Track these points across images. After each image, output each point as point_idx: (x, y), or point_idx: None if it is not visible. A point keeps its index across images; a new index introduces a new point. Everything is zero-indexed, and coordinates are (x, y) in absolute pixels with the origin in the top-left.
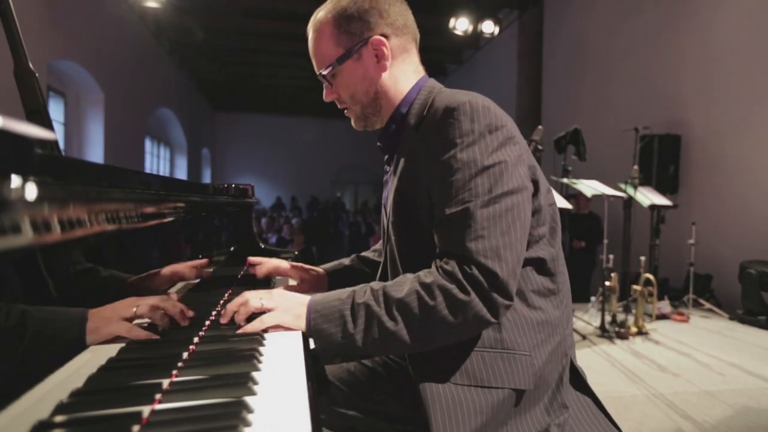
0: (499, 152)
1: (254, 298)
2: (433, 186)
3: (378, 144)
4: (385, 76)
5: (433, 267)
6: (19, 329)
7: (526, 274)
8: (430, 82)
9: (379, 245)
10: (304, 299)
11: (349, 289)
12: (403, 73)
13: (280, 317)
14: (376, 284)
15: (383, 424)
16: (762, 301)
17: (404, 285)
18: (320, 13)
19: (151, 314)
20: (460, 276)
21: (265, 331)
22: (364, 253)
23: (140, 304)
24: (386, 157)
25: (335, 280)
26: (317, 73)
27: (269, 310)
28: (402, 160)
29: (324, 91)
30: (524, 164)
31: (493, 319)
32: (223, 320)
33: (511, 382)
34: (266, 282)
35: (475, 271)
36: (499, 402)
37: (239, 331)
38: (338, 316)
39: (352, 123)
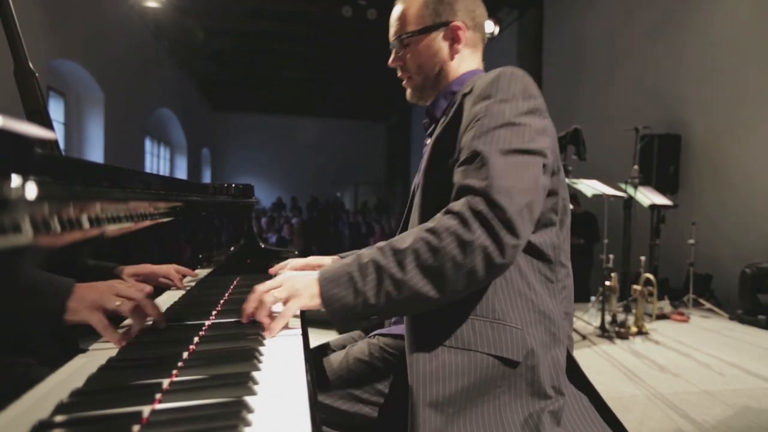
0: (527, 116)
1: (268, 294)
2: (464, 133)
3: (424, 121)
4: (455, 58)
5: (439, 214)
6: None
7: (527, 256)
8: (484, 73)
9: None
10: (314, 275)
11: (354, 253)
12: (468, 64)
13: (299, 302)
14: (381, 243)
15: (381, 420)
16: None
17: (409, 236)
18: None
19: (131, 314)
20: (466, 214)
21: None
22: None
23: (124, 301)
24: (428, 131)
25: None
26: (392, 38)
27: (285, 300)
28: (442, 121)
29: (391, 56)
30: (548, 138)
31: (501, 259)
32: (245, 320)
33: (498, 350)
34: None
35: (482, 207)
36: (482, 367)
37: (267, 335)
38: (347, 278)
39: (407, 94)
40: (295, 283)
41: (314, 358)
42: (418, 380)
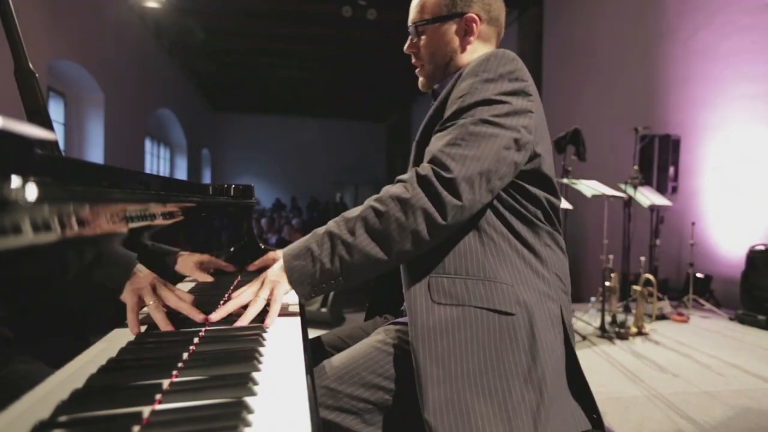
0: (509, 96)
1: (256, 300)
2: (449, 107)
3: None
4: (467, 49)
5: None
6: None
7: (516, 219)
8: None
9: None
10: (280, 258)
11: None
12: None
13: (282, 287)
14: (337, 217)
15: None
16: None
17: (361, 206)
18: None
19: (157, 315)
20: (412, 179)
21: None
22: None
23: (154, 304)
24: None
25: None
26: (410, 24)
27: (273, 295)
28: (440, 95)
29: (407, 42)
30: (528, 119)
31: (440, 219)
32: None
33: (490, 303)
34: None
35: (428, 171)
36: (477, 319)
37: (268, 321)
38: (305, 250)
39: (420, 82)
40: (269, 275)
41: (314, 357)
42: (417, 337)
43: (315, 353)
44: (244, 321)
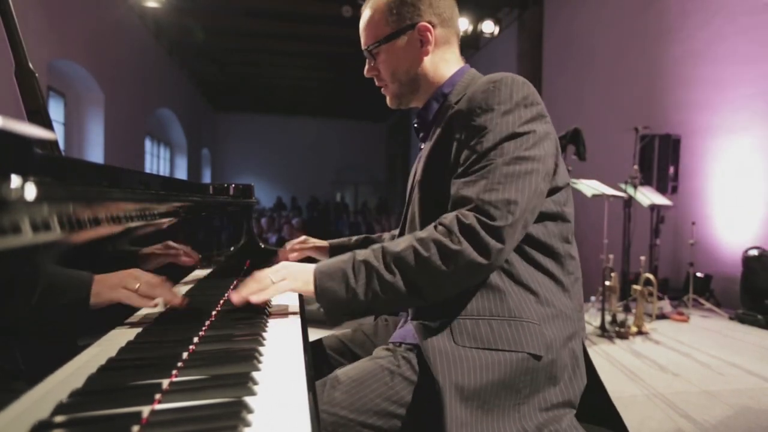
0: (530, 124)
1: (265, 278)
2: (465, 144)
3: (414, 123)
4: (426, 60)
5: (432, 225)
6: (32, 281)
7: (538, 253)
8: (473, 70)
9: (386, 234)
10: (310, 267)
11: (350, 252)
12: (445, 61)
13: (292, 284)
14: (376, 245)
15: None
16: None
17: (402, 242)
18: None
19: (150, 293)
20: (456, 228)
21: (267, 305)
22: (372, 236)
23: (143, 283)
24: (421, 135)
25: (337, 254)
26: (363, 48)
27: (278, 283)
28: (439, 129)
29: (366, 66)
30: (551, 142)
31: (484, 261)
32: (239, 301)
33: (520, 346)
34: None
35: (473, 221)
36: (506, 363)
37: (254, 299)
38: (341, 273)
39: (387, 101)
40: (292, 268)
41: (314, 356)
42: (443, 374)
43: (316, 356)
44: (236, 297)
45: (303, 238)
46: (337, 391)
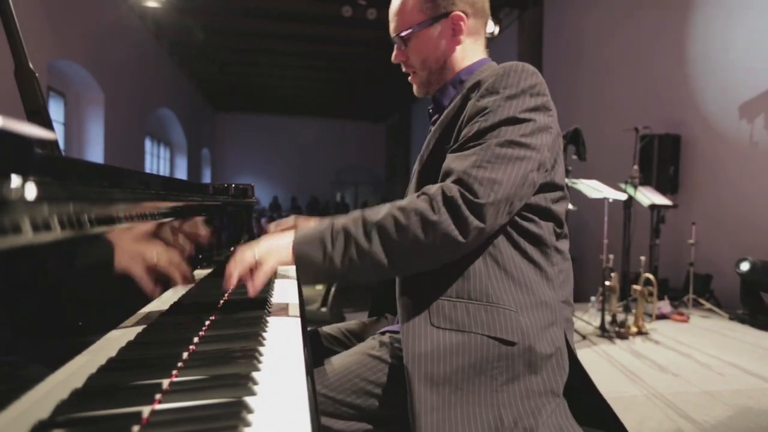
0: (532, 112)
1: (248, 251)
2: (467, 123)
3: (429, 109)
4: (458, 49)
5: (414, 194)
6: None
7: (525, 242)
8: (493, 63)
9: None
10: (290, 236)
11: (329, 218)
12: (473, 51)
13: (276, 257)
14: (356, 211)
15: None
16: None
17: (382, 209)
18: None
19: (168, 270)
20: (439, 198)
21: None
22: None
23: (165, 258)
24: (433, 118)
25: None
26: (393, 34)
27: (263, 260)
28: (448, 109)
29: (394, 53)
30: (550, 136)
31: (461, 238)
32: (230, 285)
33: (492, 331)
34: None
35: (456, 194)
36: (478, 347)
37: (251, 292)
38: (319, 239)
39: (415, 89)
40: (272, 242)
41: (314, 357)
42: (413, 360)
43: (313, 348)
44: (227, 282)
45: (293, 217)
46: (324, 374)
